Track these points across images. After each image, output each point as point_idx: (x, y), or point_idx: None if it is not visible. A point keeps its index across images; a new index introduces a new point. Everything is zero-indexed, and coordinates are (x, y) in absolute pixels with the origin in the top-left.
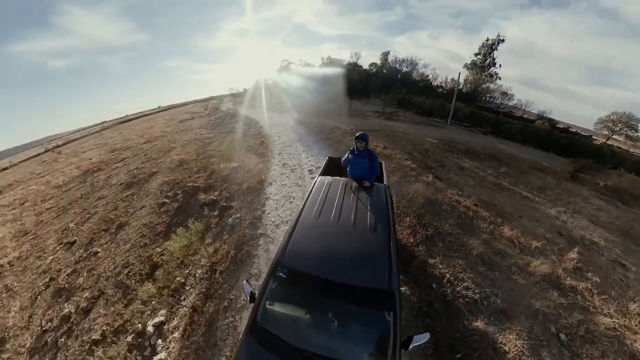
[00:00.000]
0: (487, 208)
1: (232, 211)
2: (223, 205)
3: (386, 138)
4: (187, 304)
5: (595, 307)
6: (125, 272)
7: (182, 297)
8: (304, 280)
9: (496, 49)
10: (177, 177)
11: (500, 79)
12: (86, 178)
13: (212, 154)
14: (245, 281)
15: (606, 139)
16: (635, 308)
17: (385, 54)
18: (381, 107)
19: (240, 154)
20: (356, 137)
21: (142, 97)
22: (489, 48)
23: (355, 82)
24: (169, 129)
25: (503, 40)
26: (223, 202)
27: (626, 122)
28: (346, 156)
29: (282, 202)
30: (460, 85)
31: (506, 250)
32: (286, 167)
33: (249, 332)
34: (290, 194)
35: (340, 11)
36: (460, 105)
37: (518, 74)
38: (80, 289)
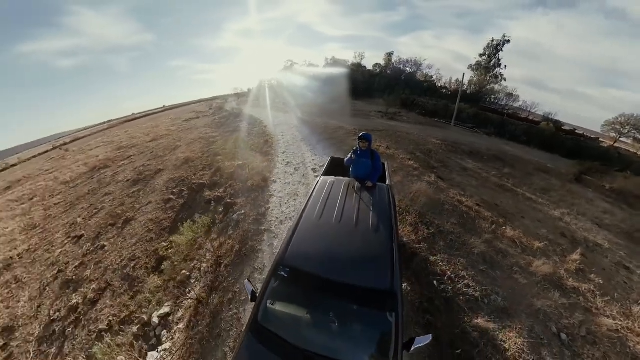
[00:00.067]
0: (489, 208)
1: (236, 208)
2: (228, 201)
3: (389, 138)
4: (193, 296)
5: (597, 309)
6: (132, 265)
7: (187, 289)
8: (306, 280)
9: (501, 49)
10: (182, 175)
11: (505, 80)
12: (93, 174)
13: (217, 153)
14: (246, 280)
15: (614, 142)
16: (639, 311)
17: (389, 55)
18: (384, 108)
19: (244, 153)
20: (359, 137)
21: (147, 96)
22: (494, 49)
23: (358, 83)
24: (174, 128)
25: (508, 40)
26: (228, 198)
27: (634, 124)
28: (349, 156)
29: (286, 200)
30: (464, 86)
31: (508, 250)
32: (290, 165)
33: (250, 331)
34: (294, 191)
35: (344, 12)
36: (464, 107)
37: (523, 75)
38: (88, 281)
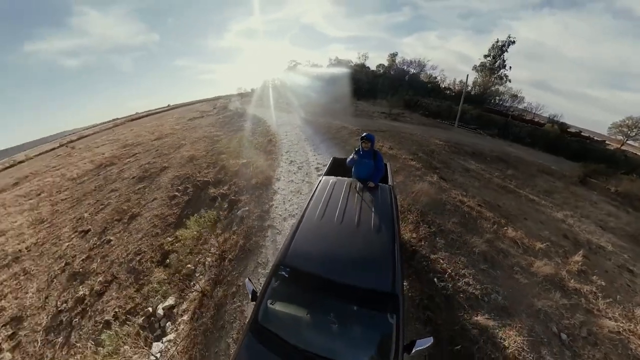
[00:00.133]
0: (491, 209)
1: (241, 204)
2: (232, 198)
3: (392, 138)
4: (197, 289)
5: (599, 310)
6: (138, 259)
7: (192, 282)
8: (306, 280)
9: (506, 50)
10: (187, 172)
11: (510, 81)
12: (99, 171)
13: (221, 151)
14: (247, 279)
15: (621, 144)
16: None
17: (393, 55)
18: (388, 108)
19: (248, 151)
20: (362, 138)
21: (151, 96)
22: (499, 50)
23: (362, 83)
24: (178, 127)
25: (513, 41)
26: (232, 195)
27: None
28: (351, 157)
29: (289, 197)
30: (468, 88)
31: (509, 250)
32: (293, 164)
33: (250, 331)
34: (297, 189)
35: (348, 12)
36: (467, 108)
37: (529, 76)
38: (94, 273)
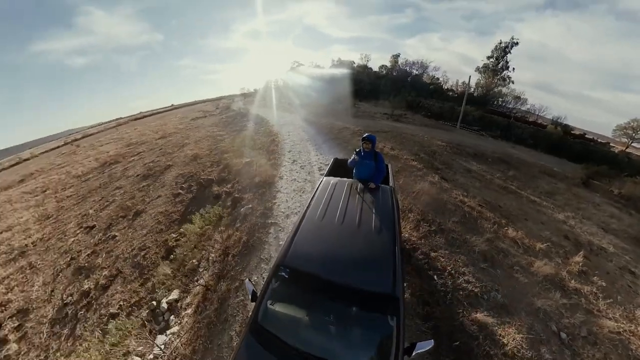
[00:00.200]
0: (492, 209)
1: (244, 202)
2: (236, 196)
3: (394, 139)
4: (201, 283)
5: (599, 311)
6: (142, 254)
7: (196, 277)
8: (306, 281)
9: (509, 52)
10: (191, 170)
11: (513, 82)
12: (104, 169)
13: (225, 150)
14: (247, 280)
15: (625, 147)
16: None
17: (396, 57)
18: (390, 110)
19: (251, 151)
20: (363, 139)
21: (153, 95)
22: (502, 51)
23: (364, 84)
24: (182, 126)
25: (517, 43)
26: (236, 194)
27: None
28: (352, 157)
29: (292, 195)
30: (471, 89)
31: (509, 250)
32: (296, 163)
33: (249, 332)
34: (300, 188)
35: (351, 13)
36: (470, 109)
37: (532, 77)
38: (100, 268)
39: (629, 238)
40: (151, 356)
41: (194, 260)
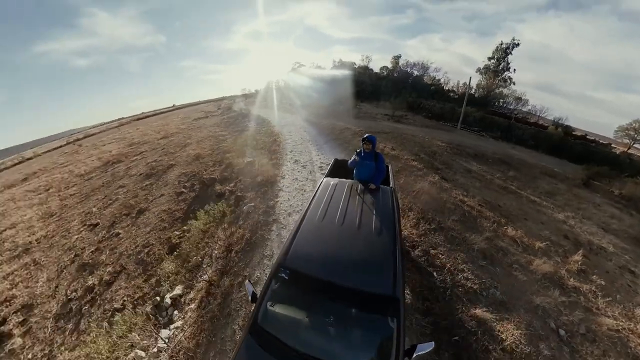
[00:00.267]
0: (491, 209)
1: (246, 200)
2: (238, 195)
3: (394, 140)
4: (205, 278)
5: (598, 309)
6: (146, 251)
7: (199, 273)
8: (306, 283)
9: (510, 53)
10: (193, 170)
11: (514, 83)
12: (107, 168)
13: (227, 150)
14: (247, 281)
15: (627, 148)
16: None
17: (397, 58)
18: (391, 110)
19: (253, 151)
20: (363, 139)
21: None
22: (503, 52)
23: (365, 85)
24: (184, 126)
25: (518, 44)
26: (238, 192)
27: None
28: (353, 158)
29: (294, 194)
30: (472, 90)
31: (508, 248)
32: (298, 163)
33: (249, 333)
34: (301, 187)
35: (352, 14)
36: (470, 110)
37: (534, 78)
38: (103, 264)
39: (629, 238)
40: (155, 349)
41: (197, 257)
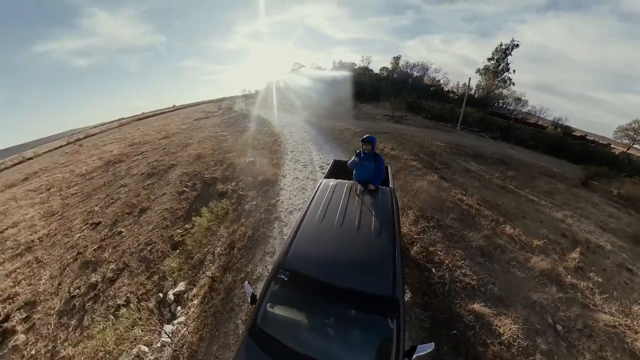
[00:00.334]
0: (490, 207)
1: (248, 199)
2: (240, 194)
3: (394, 140)
4: (208, 275)
5: (595, 305)
6: (148, 249)
7: (202, 270)
8: (306, 284)
9: (510, 54)
10: (195, 169)
11: (514, 84)
12: (108, 168)
13: (228, 150)
14: (246, 282)
15: (627, 148)
16: (639, 310)
17: (397, 59)
18: (391, 111)
19: (254, 151)
20: (362, 140)
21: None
22: (503, 53)
23: (365, 86)
24: (184, 126)
25: (517, 45)
26: (240, 191)
27: None
28: (352, 159)
29: (295, 193)
30: (472, 91)
31: (506, 246)
32: (298, 163)
33: (249, 334)
34: (302, 186)
35: (352, 15)
36: (470, 111)
37: (533, 79)
38: (106, 262)
39: (627, 236)
40: (159, 344)
41: (199, 254)
